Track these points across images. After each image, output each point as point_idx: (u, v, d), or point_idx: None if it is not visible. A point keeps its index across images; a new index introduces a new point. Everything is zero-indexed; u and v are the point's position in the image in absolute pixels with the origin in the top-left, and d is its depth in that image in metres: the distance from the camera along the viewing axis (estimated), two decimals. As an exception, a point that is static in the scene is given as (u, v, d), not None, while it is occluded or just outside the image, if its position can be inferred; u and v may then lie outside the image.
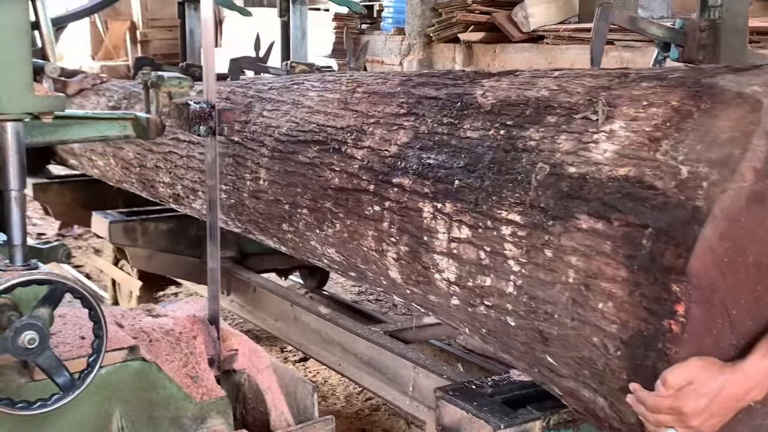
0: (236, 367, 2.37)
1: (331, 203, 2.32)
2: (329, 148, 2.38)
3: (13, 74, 1.86)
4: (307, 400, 2.34)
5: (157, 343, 2.23)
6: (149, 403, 2.08)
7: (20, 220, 1.95)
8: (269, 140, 2.67)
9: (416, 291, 2.12)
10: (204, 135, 2.33)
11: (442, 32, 8.08)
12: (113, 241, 3.85)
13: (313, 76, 2.89)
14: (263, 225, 2.76)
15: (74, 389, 1.82)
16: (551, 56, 6.98)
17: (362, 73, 2.64)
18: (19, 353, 1.76)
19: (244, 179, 2.78)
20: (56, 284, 1.81)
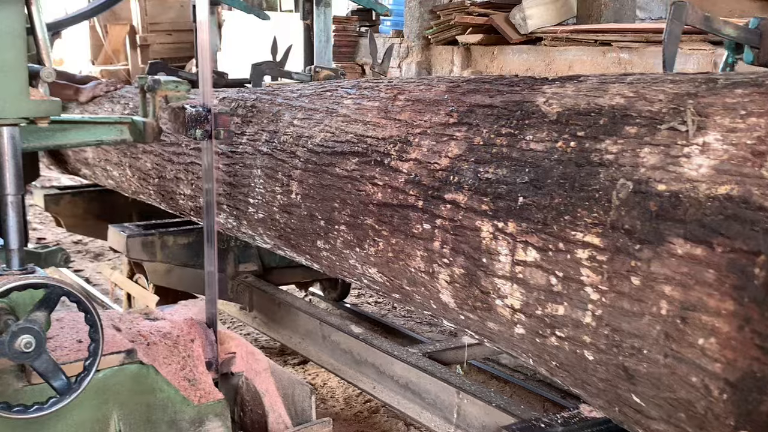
0: (234, 369, 2.37)
1: (373, 220, 2.16)
2: (370, 160, 2.21)
3: (8, 79, 1.87)
4: (304, 403, 2.34)
5: (155, 347, 2.23)
6: (147, 406, 2.08)
7: (17, 225, 1.96)
8: (302, 151, 2.50)
9: (472, 317, 1.95)
10: (200, 139, 2.33)
11: (441, 35, 8.09)
12: (131, 257, 3.66)
13: (347, 82, 2.72)
14: (295, 241, 2.59)
15: (71, 393, 1.83)
16: (549, 58, 6.98)
17: (402, 80, 2.44)
18: (15, 357, 1.77)
19: (274, 192, 2.61)
20: (52, 288, 1.81)
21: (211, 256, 2.40)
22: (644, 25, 7.04)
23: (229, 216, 2.95)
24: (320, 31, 4.41)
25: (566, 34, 6.81)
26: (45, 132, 2.23)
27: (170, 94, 2.63)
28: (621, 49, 6.29)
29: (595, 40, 6.56)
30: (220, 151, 2.85)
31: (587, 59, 6.57)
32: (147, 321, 2.39)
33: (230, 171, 2.83)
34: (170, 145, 3.24)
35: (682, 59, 5.80)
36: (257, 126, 2.80)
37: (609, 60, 6.37)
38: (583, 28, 6.86)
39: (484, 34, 7.63)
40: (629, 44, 6.24)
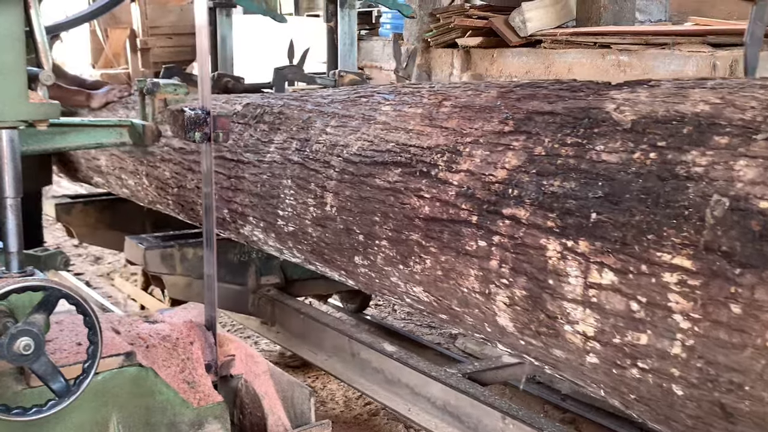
0: (233, 372, 2.37)
1: (419, 235, 2.02)
2: (415, 171, 2.07)
3: (7, 82, 1.87)
4: (304, 405, 2.34)
5: (154, 349, 2.23)
6: (146, 408, 2.08)
7: (16, 228, 1.96)
8: (337, 161, 2.37)
9: (534, 343, 1.80)
10: (199, 141, 2.33)
11: (440, 37, 8.09)
12: (150, 270, 3.50)
13: (383, 87, 2.57)
14: (329, 256, 2.46)
15: (70, 395, 1.83)
16: (549, 60, 6.99)
17: (445, 85, 2.31)
18: (14, 359, 1.77)
19: (306, 204, 2.47)
20: (51, 290, 1.81)
21: (210, 260, 2.40)
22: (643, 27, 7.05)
23: (255, 228, 2.82)
24: (344, 33, 4.24)
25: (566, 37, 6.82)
26: (44, 135, 2.24)
27: (169, 96, 2.64)
28: (620, 51, 6.29)
29: (594, 42, 6.57)
30: (246, 160, 2.73)
31: (587, 62, 6.58)
32: (146, 324, 2.39)
33: (257, 181, 2.69)
34: (190, 154, 3.13)
35: (681, 61, 5.82)
36: (286, 134, 2.68)
37: (608, 62, 6.37)
38: (582, 31, 6.87)
39: (483, 36, 7.64)
40: (628, 47, 6.24)
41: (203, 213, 2.45)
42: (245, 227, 2.88)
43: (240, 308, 3.65)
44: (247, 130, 2.88)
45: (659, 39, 6.09)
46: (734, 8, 6.84)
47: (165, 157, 3.31)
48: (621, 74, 6.27)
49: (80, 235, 4.60)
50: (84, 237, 4.65)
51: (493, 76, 7.19)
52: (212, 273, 2.42)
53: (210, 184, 2.39)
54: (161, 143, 3.11)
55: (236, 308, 3.68)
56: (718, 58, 5.61)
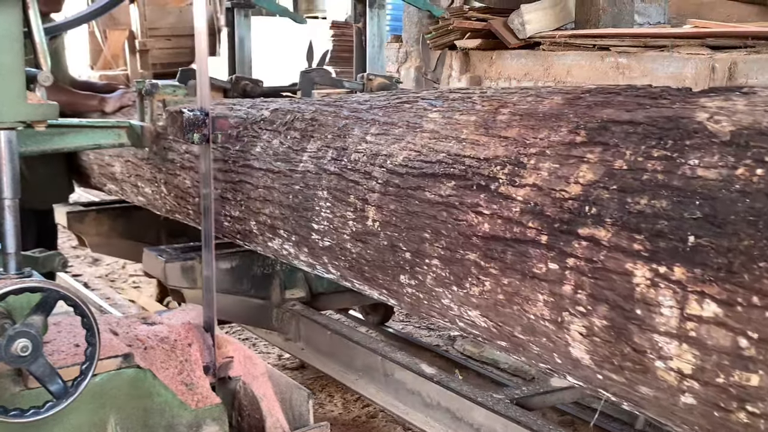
0: (231, 374, 2.37)
1: (477, 255, 1.85)
2: (471, 184, 1.89)
3: (5, 82, 1.87)
4: (302, 407, 2.34)
5: (152, 351, 2.23)
6: (144, 410, 2.08)
7: (14, 229, 1.95)
8: (379, 172, 2.19)
9: (615, 378, 1.65)
10: (198, 142, 2.33)
11: (439, 39, 8.09)
12: (170, 284, 3.28)
13: (427, 92, 2.41)
14: (370, 274, 2.29)
15: (67, 397, 1.83)
16: (548, 62, 6.99)
17: (499, 90, 2.15)
18: (12, 361, 1.77)
19: (344, 218, 2.29)
20: (49, 292, 1.81)
21: (210, 261, 2.40)
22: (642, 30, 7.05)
23: (286, 242, 2.64)
24: (373, 35, 4.04)
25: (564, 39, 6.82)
26: (43, 136, 2.23)
27: (168, 98, 2.64)
28: (619, 53, 6.30)
29: (593, 44, 6.57)
30: (276, 170, 2.58)
31: (585, 64, 6.58)
32: (144, 325, 2.39)
33: (289, 192, 2.52)
34: (214, 161, 2.92)
35: (679, 64, 5.82)
36: (320, 141, 2.51)
37: (607, 65, 6.38)
38: (581, 33, 6.87)
39: (482, 38, 7.64)
40: (627, 49, 6.25)
41: (202, 214, 2.45)
42: (274, 240, 2.71)
43: (263, 323, 3.48)
44: (276, 137, 2.72)
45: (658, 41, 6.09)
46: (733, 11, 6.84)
47: (185, 165, 3.16)
48: (620, 76, 6.27)
49: (93, 244, 4.42)
50: (96, 246, 4.47)
51: (492, 78, 7.19)
52: (211, 275, 2.41)
53: (209, 186, 2.39)
54: (181, 150, 3.04)
55: (259, 323, 3.52)
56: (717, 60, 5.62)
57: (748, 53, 5.54)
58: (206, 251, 2.41)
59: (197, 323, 2.40)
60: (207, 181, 2.39)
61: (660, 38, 6.11)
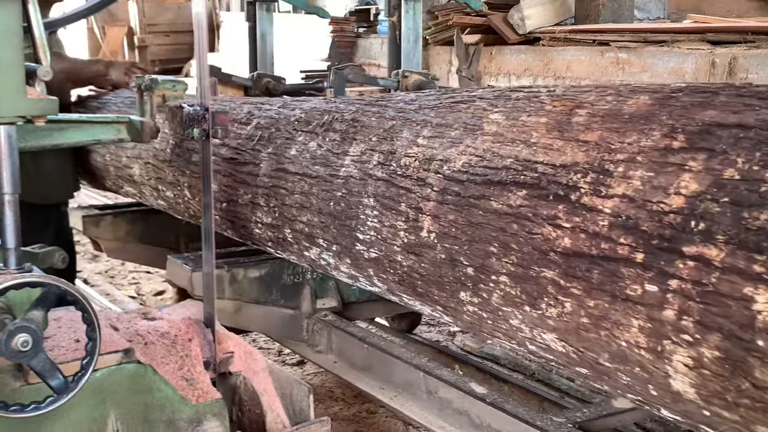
0: (232, 369, 2.37)
1: (556, 273, 1.68)
2: (547, 194, 1.71)
3: (5, 77, 1.86)
4: (303, 402, 2.34)
5: (153, 346, 2.23)
6: (144, 405, 2.08)
7: (14, 224, 1.95)
8: (435, 178, 2.01)
9: (726, 415, 1.49)
10: (198, 138, 2.33)
11: (439, 35, 8.09)
12: (197, 294, 3.01)
13: (484, 91, 2.19)
14: (423, 289, 2.11)
15: (68, 392, 1.82)
16: (547, 58, 6.99)
17: (571, 88, 1.95)
18: (12, 356, 1.76)
19: (395, 228, 2.11)
20: (49, 287, 1.81)
21: (210, 258, 2.40)
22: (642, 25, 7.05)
23: (325, 252, 2.46)
24: (409, 29, 3.90)
25: (564, 34, 6.82)
26: (42, 131, 2.23)
27: (168, 93, 2.63)
28: (619, 49, 6.30)
29: (593, 40, 6.57)
30: (314, 174, 2.43)
31: (585, 59, 6.58)
32: (145, 321, 2.39)
33: (330, 199, 2.36)
34: (243, 165, 2.81)
35: (679, 59, 5.82)
36: (364, 144, 2.33)
37: (607, 60, 6.38)
38: (581, 28, 6.87)
39: (482, 34, 7.64)
40: (627, 44, 6.25)
41: (203, 210, 2.44)
42: (311, 250, 2.52)
43: (293, 335, 3.29)
44: (313, 139, 2.55)
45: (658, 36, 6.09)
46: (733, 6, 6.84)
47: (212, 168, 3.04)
48: (620, 72, 6.27)
49: (109, 249, 4.23)
50: (113, 252, 4.27)
51: (492, 73, 7.19)
52: (211, 270, 2.41)
53: (209, 181, 2.38)
54: None
55: (289, 335, 3.33)
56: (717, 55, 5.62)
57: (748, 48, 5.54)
58: (206, 248, 2.41)
59: (197, 319, 2.39)
60: (207, 177, 2.39)
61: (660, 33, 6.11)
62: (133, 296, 5.38)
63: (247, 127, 2.89)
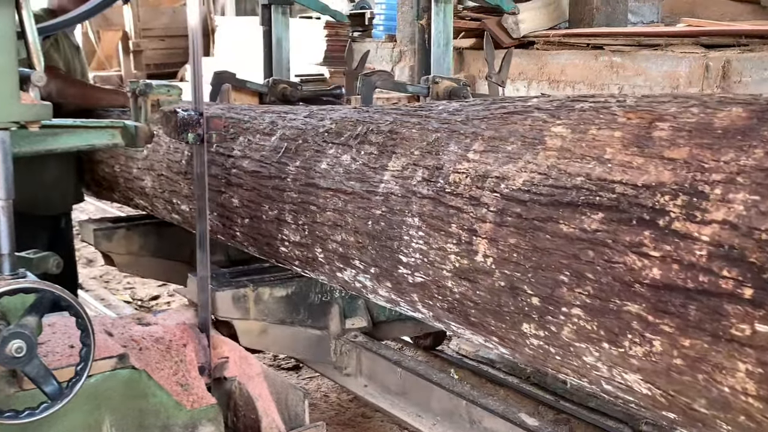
0: (227, 374, 2.37)
1: (642, 307, 1.52)
2: (629, 218, 1.54)
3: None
4: (298, 407, 2.34)
5: (147, 352, 2.23)
6: (139, 411, 2.08)
7: (8, 230, 1.95)
8: (491, 197, 1.83)
9: None
10: (192, 142, 2.33)
11: (433, 39, 8.11)
12: (220, 315, 2.84)
13: (541, 100, 2.01)
14: (477, 318, 1.94)
15: (62, 398, 1.82)
16: (542, 62, 7.00)
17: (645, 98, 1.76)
18: (6, 362, 1.76)
19: (444, 251, 1.93)
20: (43, 292, 1.81)
21: (204, 262, 2.40)
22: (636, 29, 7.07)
23: (361, 274, 2.28)
24: (439, 32, 3.62)
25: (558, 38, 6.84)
26: (36, 136, 2.23)
27: (162, 98, 2.63)
28: (613, 52, 6.31)
29: (587, 43, 6.59)
30: (349, 190, 2.26)
31: (579, 63, 6.60)
32: (139, 326, 2.39)
33: (368, 217, 2.18)
34: (269, 179, 2.60)
35: (673, 62, 5.83)
36: (405, 158, 2.15)
37: (601, 63, 6.39)
38: (575, 32, 6.89)
39: (476, 38, 7.65)
40: (621, 48, 6.26)
41: (196, 216, 2.44)
42: (346, 271, 2.35)
43: (320, 356, 3.08)
44: (346, 152, 2.36)
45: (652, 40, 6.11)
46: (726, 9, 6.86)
47: (233, 181, 2.79)
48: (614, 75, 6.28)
49: (122, 264, 3.99)
50: (126, 266, 4.03)
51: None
52: (206, 275, 2.41)
53: (203, 187, 2.39)
54: (227, 165, 2.79)
55: (316, 357, 3.12)
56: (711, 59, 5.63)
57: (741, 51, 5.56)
58: (200, 251, 2.41)
59: (192, 324, 2.39)
60: (201, 182, 2.39)
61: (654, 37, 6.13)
62: (128, 301, 5.37)
63: (270, 138, 2.70)
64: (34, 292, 1.81)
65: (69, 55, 3.75)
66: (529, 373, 3.68)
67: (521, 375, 3.77)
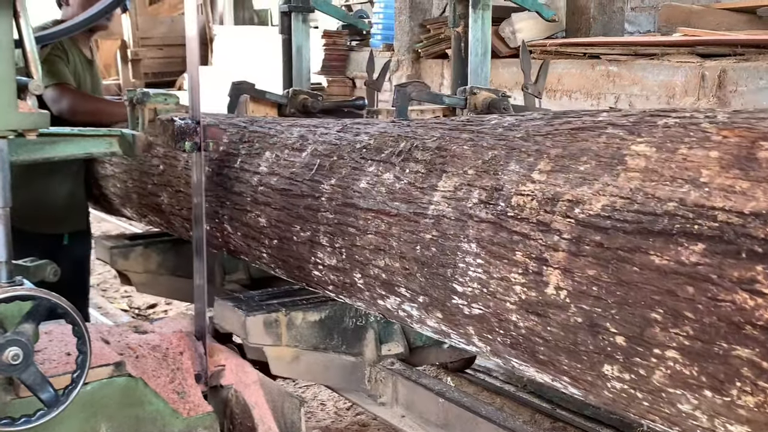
0: (223, 382, 2.37)
1: (755, 352, 1.38)
2: (737, 250, 1.38)
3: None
4: (294, 415, 2.34)
5: (144, 359, 2.23)
6: (136, 419, 2.08)
7: (5, 237, 1.95)
8: (564, 223, 1.66)
9: None
10: (189, 151, 2.34)
11: (431, 48, 8.13)
12: (252, 342, 2.62)
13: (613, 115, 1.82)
14: (547, 356, 1.76)
15: (59, 405, 1.83)
16: (539, 71, 7.02)
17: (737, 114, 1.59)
18: (3, 369, 1.77)
19: (507, 282, 1.76)
20: (40, 300, 1.81)
21: (201, 269, 2.41)
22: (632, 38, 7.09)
23: (407, 302, 2.11)
24: (476, 40, 3.42)
25: (555, 48, 6.86)
26: (33, 145, 2.24)
27: (159, 107, 2.64)
28: (610, 62, 6.33)
29: (584, 53, 6.61)
30: (393, 212, 2.09)
31: (576, 72, 6.62)
32: (136, 334, 2.39)
33: (416, 242, 2.00)
34: (300, 197, 2.43)
35: (669, 72, 5.85)
36: (457, 178, 1.97)
37: (598, 73, 6.41)
38: (572, 42, 6.91)
39: (473, 47, 7.68)
40: (618, 57, 6.28)
41: (192, 223, 2.45)
42: (389, 299, 2.19)
43: (353, 385, 2.87)
44: (388, 170, 2.20)
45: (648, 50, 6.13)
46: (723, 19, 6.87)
47: (260, 199, 2.61)
48: (610, 85, 6.31)
49: (139, 283, 3.79)
50: (143, 286, 3.82)
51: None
52: (202, 283, 2.42)
53: (201, 195, 2.39)
54: (253, 182, 2.64)
55: (349, 385, 2.90)
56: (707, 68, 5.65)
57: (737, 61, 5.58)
58: (197, 260, 2.42)
59: (189, 332, 2.40)
60: (198, 190, 2.40)
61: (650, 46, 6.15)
62: (125, 309, 5.37)
63: (301, 154, 2.53)
64: (31, 300, 1.82)
65: (79, 69, 3.65)
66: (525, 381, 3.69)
67: (518, 383, 3.78)
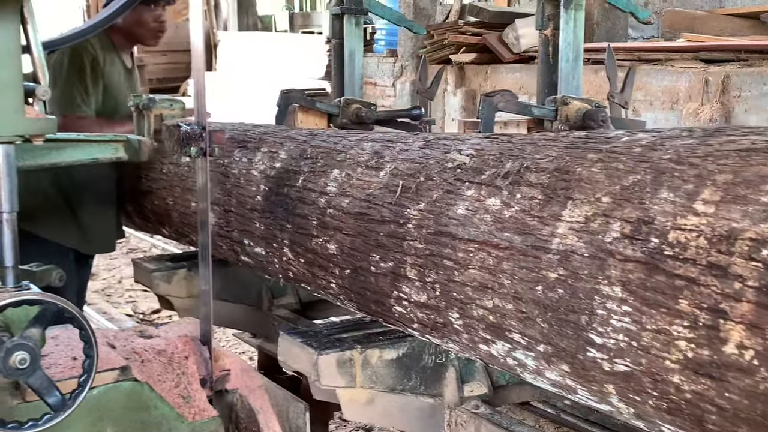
0: (229, 387, 2.37)
1: None
2: None
3: (3, 97, 1.88)
4: (299, 420, 2.35)
5: (149, 364, 2.23)
6: (141, 423, 2.08)
7: (11, 242, 1.96)
8: (747, 267, 1.36)
9: None
10: (195, 156, 2.35)
11: (435, 54, 8.14)
12: (324, 384, 2.36)
13: (743, 129, 1.58)
14: (720, 427, 1.44)
15: (65, 409, 1.83)
16: (542, 76, 7.03)
17: None
18: (9, 374, 1.78)
19: (667, 335, 1.47)
20: (47, 304, 1.82)
21: (207, 276, 2.41)
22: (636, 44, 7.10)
23: (521, 350, 1.83)
24: (568, 44, 3.09)
25: (559, 53, 6.87)
26: (40, 150, 2.25)
27: (165, 112, 2.66)
28: (610, 68, 6.35)
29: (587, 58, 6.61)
30: (504, 245, 1.81)
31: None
32: (141, 338, 2.39)
33: (537, 281, 1.72)
34: (380, 223, 2.18)
35: (673, 77, 5.86)
36: (588, 206, 1.66)
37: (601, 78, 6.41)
38: (575, 47, 6.91)
39: (477, 53, 7.70)
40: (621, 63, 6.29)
41: (198, 229, 2.45)
42: (494, 344, 1.91)
43: (432, 430, 2.56)
44: (493, 194, 1.90)
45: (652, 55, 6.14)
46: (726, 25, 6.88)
47: (329, 223, 2.37)
48: (614, 90, 6.31)
49: (182, 308, 3.50)
50: (187, 311, 3.46)
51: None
52: (208, 288, 2.42)
53: (206, 200, 2.40)
54: (322, 203, 2.43)
55: (427, 430, 2.57)
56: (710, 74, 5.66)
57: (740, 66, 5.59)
58: (203, 266, 2.42)
59: (194, 336, 2.40)
60: (203, 196, 2.40)
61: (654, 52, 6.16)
62: (129, 314, 5.38)
63: (379, 174, 2.29)
64: (38, 304, 1.83)
65: (115, 79, 3.50)
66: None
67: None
